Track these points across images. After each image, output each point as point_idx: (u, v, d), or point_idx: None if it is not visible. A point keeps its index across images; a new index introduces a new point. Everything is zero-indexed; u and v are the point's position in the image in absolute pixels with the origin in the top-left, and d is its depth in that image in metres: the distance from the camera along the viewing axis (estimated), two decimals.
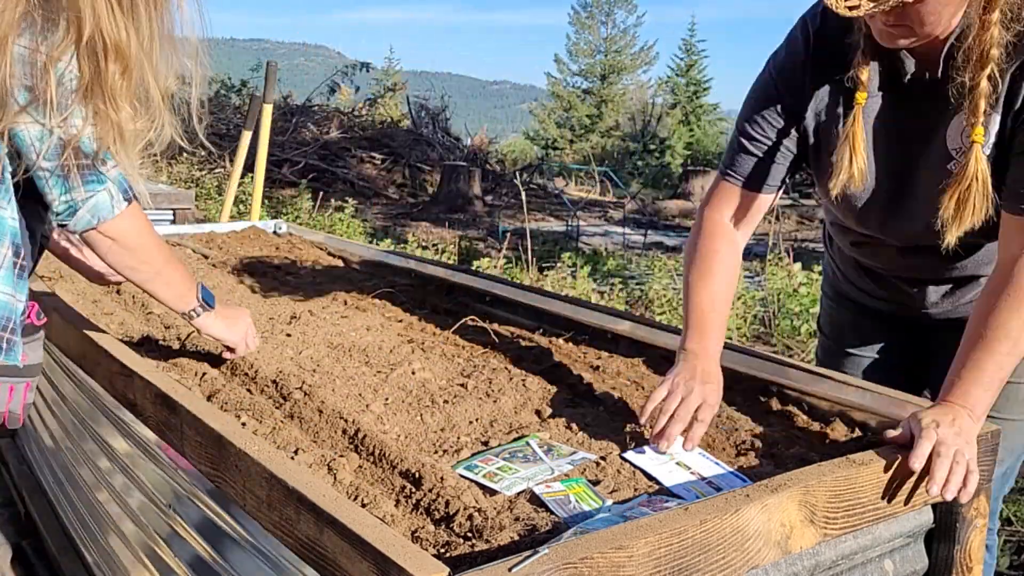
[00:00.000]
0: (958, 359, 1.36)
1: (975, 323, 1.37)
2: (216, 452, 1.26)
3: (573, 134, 26.86)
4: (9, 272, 1.37)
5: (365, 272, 2.81)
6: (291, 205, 10.02)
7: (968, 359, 1.34)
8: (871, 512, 1.21)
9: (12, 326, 1.38)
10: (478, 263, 6.84)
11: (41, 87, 1.25)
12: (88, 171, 1.35)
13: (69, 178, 1.34)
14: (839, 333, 1.91)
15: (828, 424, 1.50)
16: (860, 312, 1.84)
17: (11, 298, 1.37)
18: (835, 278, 1.90)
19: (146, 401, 1.49)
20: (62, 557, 2.16)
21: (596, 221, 13.14)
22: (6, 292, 1.36)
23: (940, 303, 1.68)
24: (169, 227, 3.67)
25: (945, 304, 1.68)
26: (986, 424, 1.34)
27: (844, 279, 1.85)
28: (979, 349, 1.34)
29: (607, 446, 1.40)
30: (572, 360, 1.86)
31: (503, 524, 1.11)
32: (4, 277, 1.36)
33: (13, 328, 1.38)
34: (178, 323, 2.07)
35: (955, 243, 1.44)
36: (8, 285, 1.37)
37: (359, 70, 17.39)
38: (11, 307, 1.37)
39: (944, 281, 1.66)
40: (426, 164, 15.33)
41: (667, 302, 5.42)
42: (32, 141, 1.30)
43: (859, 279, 1.80)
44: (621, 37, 29.50)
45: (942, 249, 1.47)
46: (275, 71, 3.87)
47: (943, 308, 1.69)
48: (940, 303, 1.68)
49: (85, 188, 1.36)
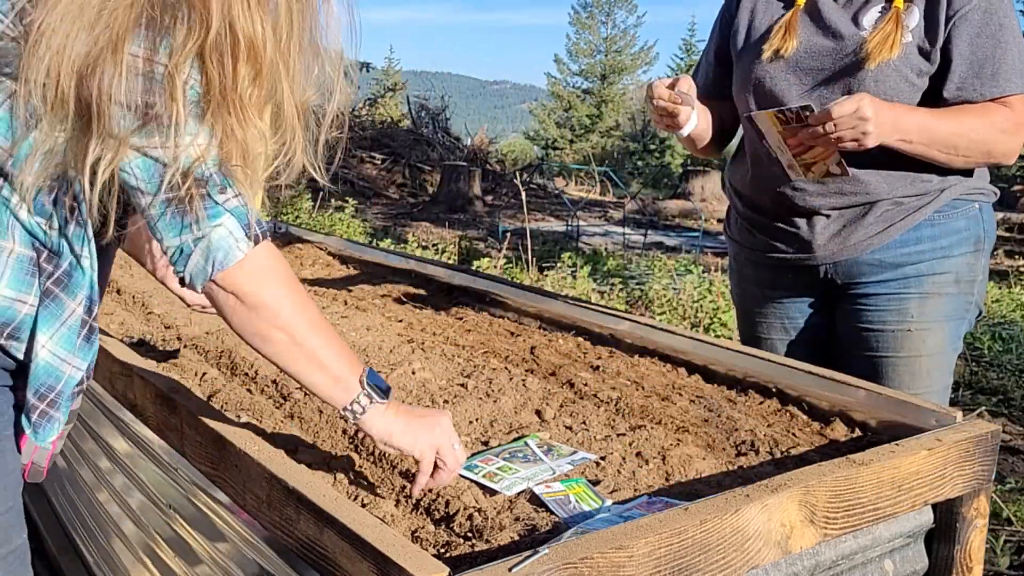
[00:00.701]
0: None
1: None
2: (216, 452, 1.26)
3: (573, 134, 26.87)
4: (73, 333, 1.08)
5: (365, 272, 2.81)
6: (291, 205, 10.01)
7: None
8: (871, 512, 1.21)
9: (55, 397, 1.09)
10: (478, 263, 6.84)
11: (163, 103, 0.96)
12: (205, 201, 1.03)
13: (187, 214, 1.02)
14: (748, 318, 1.99)
15: (828, 424, 1.50)
16: (757, 284, 1.93)
17: (64, 364, 1.08)
18: (735, 257, 1.99)
19: (146, 401, 1.49)
20: (62, 557, 2.16)
21: (596, 221, 13.14)
22: (60, 356, 1.08)
23: (827, 244, 1.75)
24: None
25: (832, 246, 1.75)
26: (985, 424, 1.35)
27: (740, 246, 1.94)
28: (931, 112, 1.62)
29: (607, 446, 1.40)
30: (572, 360, 1.86)
31: (503, 524, 1.11)
32: (65, 338, 1.08)
33: (56, 401, 1.09)
34: (178, 323, 2.07)
35: (872, 80, 1.64)
36: (67, 349, 1.08)
37: (359, 70, 17.41)
38: (60, 374, 1.08)
39: (828, 205, 1.74)
40: (426, 164, 15.33)
41: (667, 302, 5.41)
42: (144, 173, 1.00)
43: (751, 229, 1.88)
44: (621, 37, 29.50)
45: (854, 85, 1.65)
46: None
47: (830, 250, 1.76)
48: (827, 244, 1.75)
49: (200, 225, 1.03)
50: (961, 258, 1.74)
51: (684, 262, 6.58)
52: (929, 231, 1.73)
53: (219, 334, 1.95)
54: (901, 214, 1.72)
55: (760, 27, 1.82)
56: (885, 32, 1.64)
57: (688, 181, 15.10)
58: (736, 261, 1.99)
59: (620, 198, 15.40)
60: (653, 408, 1.55)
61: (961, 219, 1.74)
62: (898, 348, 1.74)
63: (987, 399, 4.19)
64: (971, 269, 1.76)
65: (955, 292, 1.75)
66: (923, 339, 1.73)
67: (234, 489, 1.22)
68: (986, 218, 1.77)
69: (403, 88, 19.74)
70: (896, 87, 1.64)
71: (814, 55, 1.72)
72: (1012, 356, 4.86)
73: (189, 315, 2.13)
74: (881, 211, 1.72)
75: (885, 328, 1.75)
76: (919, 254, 1.73)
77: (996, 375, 4.58)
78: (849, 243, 1.74)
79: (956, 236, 1.74)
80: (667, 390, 1.66)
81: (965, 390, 4.33)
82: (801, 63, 1.73)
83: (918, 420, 1.41)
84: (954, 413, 1.38)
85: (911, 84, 1.65)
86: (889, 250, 1.73)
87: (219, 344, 1.87)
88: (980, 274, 1.78)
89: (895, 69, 1.64)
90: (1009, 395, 4.24)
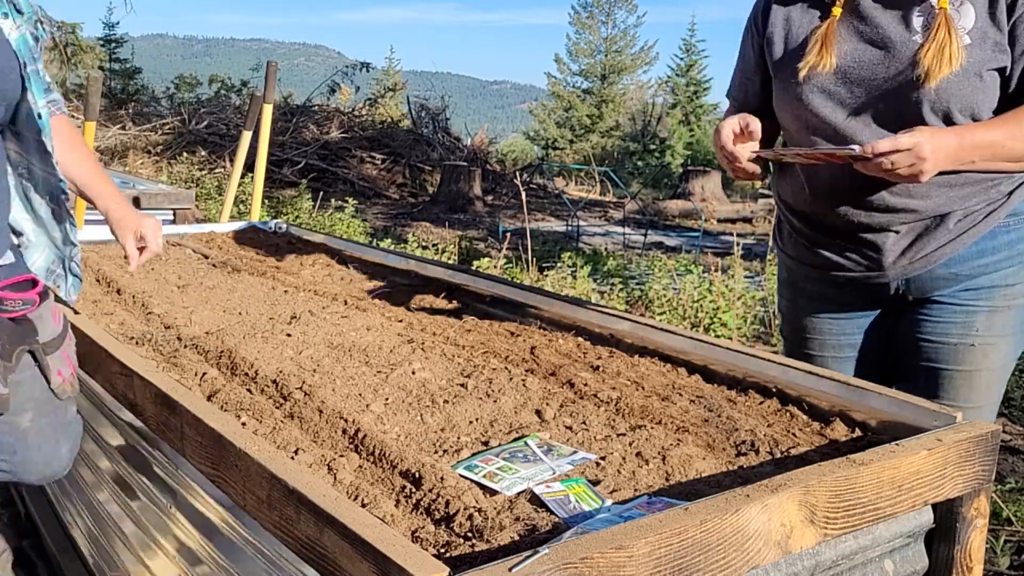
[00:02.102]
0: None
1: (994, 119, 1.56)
2: (216, 452, 1.26)
3: (573, 134, 26.85)
4: None
5: (365, 272, 2.81)
6: (291, 205, 10.02)
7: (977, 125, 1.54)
8: (871, 512, 1.21)
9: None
10: (478, 263, 6.83)
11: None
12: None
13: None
14: (799, 334, 1.92)
15: (828, 424, 1.50)
16: (816, 299, 1.85)
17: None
18: (789, 271, 1.92)
19: (146, 401, 1.49)
20: (62, 557, 2.16)
21: (596, 221, 13.14)
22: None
23: (899, 260, 1.68)
24: (169, 227, 3.67)
25: (903, 261, 1.68)
26: (985, 424, 1.35)
27: (796, 262, 1.86)
28: (990, 123, 1.54)
29: (607, 446, 1.40)
30: (572, 360, 1.86)
31: (503, 524, 1.11)
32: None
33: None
34: (178, 323, 2.07)
35: (934, 91, 1.55)
36: None
37: (359, 70, 17.41)
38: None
39: (899, 221, 1.66)
40: (426, 164, 15.33)
41: (667, 302, 5.41)
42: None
43: (811, 246, 1.79)
44: (621, 37, 29.48)
45: (913, 97, 1.57)
46: (275, 71, 3.87)
47: (901, 265, 1.69)
48: (899, 260, 1.68)
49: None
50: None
51: (684, 262, 6.58)
52: (1005, 237, 1.65)
53: (219, 334, 1.95)
54: (973, 222, 1.64)
55: (798, 37, 1.71)
56: (939, 43, 1.53)
57: (688, 181, 15.09)
58: (791, 275, 1.91)
59: (620, 198, 15.39)
60: (653, 408, 1.55)
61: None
62: (959, 361, 1.67)
63: None
64: None
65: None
66: (986, 353, 1.67)
67: (234, 489, 1.22)
68: None
69: (403, 88, 19.74)
70: (960, 94, 1.55)
71: (863, 65, 1.62)
72: None
73: (189, 315, 2.13)
74: (953, 222, 1.64)
75: (948, 341, 1.68)
76: (995, 263, 1.66)
77: None
78: (920, 256, 1.67)
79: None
80: (667, 390, 1.66)
81: None
82: (850, 74, 1.63)
83: (918, 420, 1.41)
84: (954, 413, 1.38)
85: (980, 86, 1.55)
86: (964, 261, 1.66)
87: (219, 344, 1.87)
88: None
89: (959, 77, 1.54)
90: (1009, 395, 4.24)
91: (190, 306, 2.24)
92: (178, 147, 13.54)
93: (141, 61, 20.96)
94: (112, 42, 19.96)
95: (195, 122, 14.32)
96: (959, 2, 1.56)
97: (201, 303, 2.29)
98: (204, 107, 15.35)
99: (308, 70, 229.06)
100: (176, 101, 16.42)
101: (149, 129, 14.07)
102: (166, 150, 13.54)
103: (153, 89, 18.83)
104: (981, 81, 1.55)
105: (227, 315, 2.17)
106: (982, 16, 1.55)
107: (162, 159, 13.21)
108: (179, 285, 2.51)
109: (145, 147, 13.54)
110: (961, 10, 1.56)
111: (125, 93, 17.77)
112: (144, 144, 13.60)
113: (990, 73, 1.56)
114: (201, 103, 15.93)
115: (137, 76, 19.81)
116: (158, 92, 18.04)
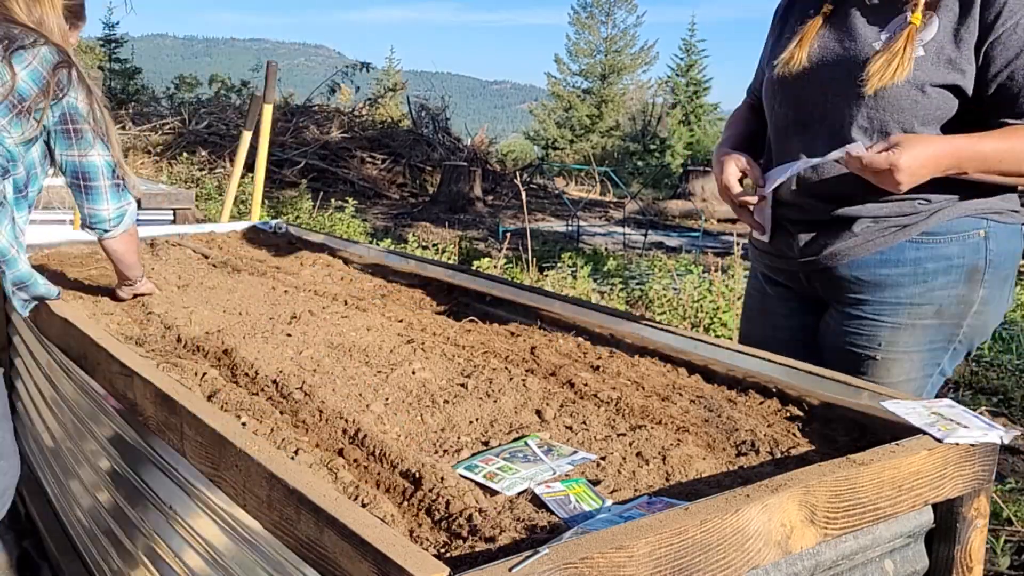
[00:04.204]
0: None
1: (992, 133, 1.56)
2: (216, 452, 1.26)
3: (573, 134, 26.87)
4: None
5: (365, 272, 2.81)
6: (292, 205, 10.02)
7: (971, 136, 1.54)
8: (871, 512, 1.21)
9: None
10: (478, 263, 6.83)
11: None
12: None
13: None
14: (745, 316, 2.04)
15: (828, 424, 1.50)
16: (761, 291, 1.96)
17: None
18: (753, 259, 2.02)
19: (146, 401, 1.49)
20: (62, 557, 2.16)
21: (597, 221, 13.14)
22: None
23: (805, 251, 1.75)
24: (169, 227, 3.67)
25: (808, 252, 1.75)
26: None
27: (752, 247, 1.97)
28: (984, 135, 1.54)
29: (607, 446, 1.40)
30: (572, 360, 1.86)
31: (503, 524, 1.11)
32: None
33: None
34: (178, 323, 2.07)
35: (872, 99, 1.59)
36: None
37: (359, 70, 17.41)
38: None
39: (818, 212, 1.71)
40: (427, 164, 15.33)
41: (667, 302, 5.41)
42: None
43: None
44: (621, 37, 29.51)
45: (853, 103, 1.62)
46: (275, 71, 3.87)
47: (808, 257, 1.75)
48: (805, 251, 1.75)
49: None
50: (946, 291, 1.64)
51: (684, 262, 6.58)
52: (913, 253, 1.64)
53: (219, 334, 1.95)
54: (882, 231, 1.65)
55: (788, 34, 1.78)
56: (892, 53, 1.56)
57: (688, 181, 15.09)
58: (753, 263, 2.02)
59: (620, 198, 15.39)
60: (653, 408, 1.55)
61: (955, 245, 1.63)
62: (863, 372, 1.70)
63: (987, 399, 4.19)
64: (960, 302, 1.65)
65: (935, 323, 1.67)
66: (888, 368, 1.69)
67: (234, 489, 1.22)
68: (994, 245, 1.64)
69: (403, 88, 19.74)
70: (898, 105, 1.58)
71: (824, 66, 1.67)
72: (1012, 356, 4.87)
73: (189, 315, 2.13)
74: (860, 227, 1.67)
75: (852, 350, 1.72)
76: (898, 277, 1.66)
77: (996, 375, 4.58)
78: (824, 252, 1.72)
79: (943, 263, 1.64)
80: (667, 390, 1.66)
81: (965, 390, 4.33)
82: (814, 74, 1.68)
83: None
84: None
85: (920, 100, 1.57)
86: (865, 267, 1.68)
87: (219, 344, 1.87)
88: (976, 306, 1.66)
89: (899, 88, 1.57)
90: (1009, 395, 4.24)
91: (190, 306, 2.24)
92: (178, 147, 13.54)
93: (141, 61, 20.98)
94: (112, 42, 19.98)
95: (195, 122, 14.33)
96: (928, 16, 1.58)
97: (201, 303, 2.29)
98: (204, 107, 15.37)
99: (308, 70, 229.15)
100: (176, 101, 16.44)
101: (149, 129, 14.07)
102: (166, 150, 13.55)
103: (153, 89, 18.85)
104: (923, 95, 1.57)
105: (227, 315, 2.17)
106: (945, 32, 1.56)
107: (162, 159, 13.22)
108: (179, 285, 2.51)
109: (145, 147, 13.55)
110: (928, 23, 1.58)
111: (125, 93, 17.79)
112: (144, 144, 13.61)
113: (936, 89, 1.57)
114: (201, 103, 15.95)
115: (137, 76, 19.84)
116: (158, 92, 18.06)
